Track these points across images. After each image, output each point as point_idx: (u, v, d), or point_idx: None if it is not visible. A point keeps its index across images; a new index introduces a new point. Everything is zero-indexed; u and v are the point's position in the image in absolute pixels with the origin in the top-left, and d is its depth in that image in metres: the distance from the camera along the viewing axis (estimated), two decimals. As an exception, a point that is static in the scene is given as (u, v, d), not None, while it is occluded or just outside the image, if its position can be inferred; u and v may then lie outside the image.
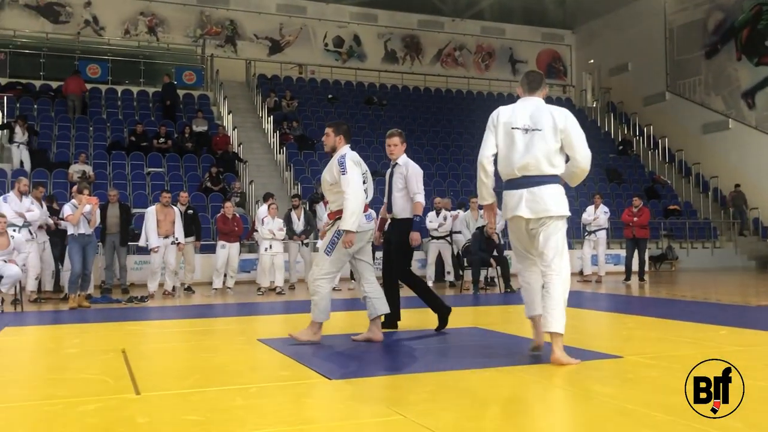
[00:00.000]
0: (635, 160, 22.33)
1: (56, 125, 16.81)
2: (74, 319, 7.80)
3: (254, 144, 18.57)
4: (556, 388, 3.76)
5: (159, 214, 10.40)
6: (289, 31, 22.55)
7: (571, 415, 3.32)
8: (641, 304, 9.38)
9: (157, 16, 21.05)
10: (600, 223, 13.07)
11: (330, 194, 5.34)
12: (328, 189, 5.31)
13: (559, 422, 3.25)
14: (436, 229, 12.04)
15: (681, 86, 21.99)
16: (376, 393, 3.61)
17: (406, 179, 6.01)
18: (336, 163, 5.17)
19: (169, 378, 4.20)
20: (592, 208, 13.20)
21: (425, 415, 3.12)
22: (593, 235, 13.12)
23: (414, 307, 8.93)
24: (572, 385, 3.78)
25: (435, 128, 21.07)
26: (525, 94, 4.48)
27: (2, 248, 8.38)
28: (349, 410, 3.30)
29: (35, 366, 4.92)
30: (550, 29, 25.99)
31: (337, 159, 5.20)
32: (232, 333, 6.41)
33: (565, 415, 3.33)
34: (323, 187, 5.50)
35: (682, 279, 14.61)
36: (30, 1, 19.79)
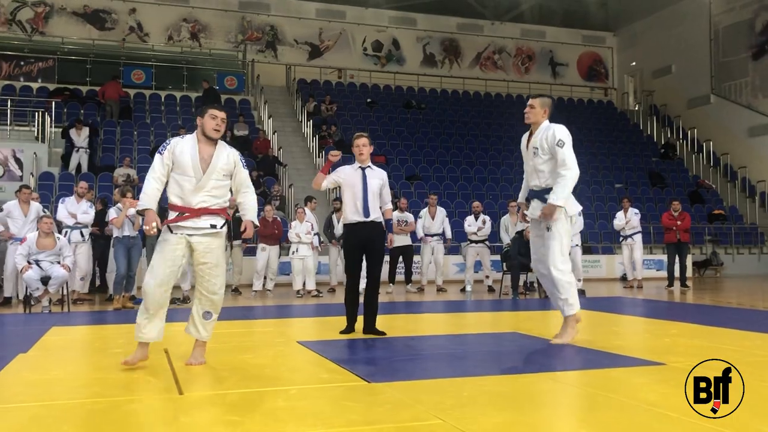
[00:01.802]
0: (679, 164, 21.93)
1: (102, 129, 17.21)
2: (119, 319, 7.96)
3: (294, 148, 18.74)
4: (597, 395, 3.72)
5: None
6: (328, 36, 22.71)
7: (612, 422, 3.27)
8: (685, 311, 9.20)
9: (200, 22, 21.40)
10: (633, 225, 12.96)
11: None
12: None
13: (599, 429, 3.21)
14: (475, 233, 11.99)
15: (726, 88, 21.52)
16: (415, 397, 3.61)
17: (383, 186, 6.06)
18: None
19: (210, 379, 4.26)
20: (621, 213, 13.11)
21: (464, 419, 3.11)
22: (629, 239, 12.99)
23: (453, 312, 8.91)
24: (613, 391, 3.72)
25: (474, 132, 21.00)
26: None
27: (49, 248, 8.60)
28: (389, 414, 3.31)
29: (81, 365, 5.04)
30: (591, 31, 25.70)
31: None
32: (271, 335, 6.47)
33: (605, 422, 3.28)
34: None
35: (727, 285, 14.28)
36: (77, 8, 20.31)
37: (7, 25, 19.65)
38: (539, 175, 5.31)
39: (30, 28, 19.82)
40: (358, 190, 5.94)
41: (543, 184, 5.28)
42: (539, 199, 5.33)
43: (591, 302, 10.02)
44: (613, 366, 4.46)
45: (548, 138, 5.22)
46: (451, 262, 14.96)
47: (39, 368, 4.67)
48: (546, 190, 5.26)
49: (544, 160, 5.25)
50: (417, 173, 18.01)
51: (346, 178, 6.00)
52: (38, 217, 9.10)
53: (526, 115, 5.39)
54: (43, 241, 8.58)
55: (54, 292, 8.65)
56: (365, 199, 5.91)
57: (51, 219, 9.03)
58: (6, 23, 19.65)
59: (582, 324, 5.54)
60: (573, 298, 5.26)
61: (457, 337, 6.05)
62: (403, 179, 17.46)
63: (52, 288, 8.51)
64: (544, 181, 5.28)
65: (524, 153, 5.49)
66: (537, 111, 5.34)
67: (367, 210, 5.91)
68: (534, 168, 5.33)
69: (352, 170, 6.04)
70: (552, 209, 5.15)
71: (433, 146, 19.64)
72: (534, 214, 5.37)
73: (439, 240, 12.27)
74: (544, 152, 5.23)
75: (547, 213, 5.17)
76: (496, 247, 13.06)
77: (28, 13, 19.84)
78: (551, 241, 5.25)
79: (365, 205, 5.90)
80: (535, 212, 5.36)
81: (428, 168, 18.53)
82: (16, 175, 15.08)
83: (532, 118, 5.36)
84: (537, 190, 5.36)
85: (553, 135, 5.21)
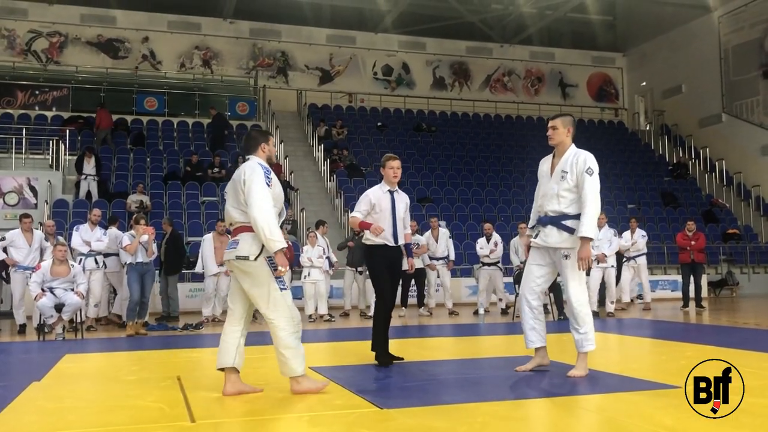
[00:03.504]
0: (691, 184, 21.82)
1: (115, 156, 17.37)
2: (132, 346, 7.97)
3: (305, 172, 18.83)
4: (613, 420, 3.67)
5: (215, 242, 10.67)
6: (338, 61, 22.90)
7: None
8: (700, 332, 9.09)
9: (212, 50, 21.65)
10: (639, 247, 12.50)
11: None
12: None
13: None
14: (487, 255, 11.94)
15: (738, 107, 21.46)
16: (427, 422, 3.58)
17: (407, 210, 5.97)
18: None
19: (223, 406, 4.24)
20: (628, 233, 12.60)
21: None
22: (633, 261, 12.54)
23: (466, 335, 8.86)
24: (629, 416, 3.68)
25: (484, 154, 21.02)
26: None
27: (63, 276, 8.65)
28: (402, 440, 3.28)
29: (94, 393, 5.04)
30: (601, 52, 25.76)
31: None
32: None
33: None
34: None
35: (743, 305, 14.12)
36: (91, 38, 20.61)
37: (22, 56, 19.96)
38: (560, 201, 4.99)
39: (45, 58, 20.12)
40: (387, 215, 5.80)
41: (563, 210, 4.98)
42: (555, 225, 5.00)
43: (606, 324, 9.93)
44: (629, 390, 4.42)
45: (578, 163, 4.97)
46: (463, 285, 14.89)
47: (53, 396, 4.68)
48: (565, 216, 4.98)
49: (570, 186, 4.97)
50: (428, 195, 18.02)
51: (376, 202, 5.84)
52: (54, 245, 9.17)
53: (550, 137, 5.12)
54: (57, 268, 8.63)
55: (67, 319, 8.68)
56: (394, 225, 5.80)
57: (65, 246, 9.09)
58: (22, 53, 19.96)
59: (598, 346, 5.47)
60: (592, 333, 4.98)
61: (470, 362, 6.01)
62: (414, 201, 17.47)
63: (66, 315, 8.54)
64: (564, 207, 4.98)
65: (544, 176, 5.19)
66: (560, 131, 5.07)
67: (396, 236, 5.79)
68: (556, 193, 5.00)
69: (381, 193, 5.88)
70: (587, 249, 4.88)
71: (444, 168, 19.67)
72: (547, 242, 5.04)
73: (444, 263, 12.23)
74: (572, 177, 4.96)
75: (585, 256, 4.86)
76: (508, 269, 13.00)
77: (43, 44, 20.15)
78: (570, 271, 4.96)
79: (394, 231, 5.77)
80: (548, 239, 5.03)
81: (439, 190, 18.55)
82: (30, 202, 15.22)
83: (557, 138, 5.08)
84: (555, 215, 5.01)
85: (584, 161, 4.97)
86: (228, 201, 4.59)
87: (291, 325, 4.42)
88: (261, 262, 4.34)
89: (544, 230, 5.06)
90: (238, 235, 4.45)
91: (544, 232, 5.06)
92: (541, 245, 5.08)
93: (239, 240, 4.41)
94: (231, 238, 4.56)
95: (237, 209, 4.46)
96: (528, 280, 5.15)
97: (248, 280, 4.40)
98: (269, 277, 4.36)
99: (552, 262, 5.11)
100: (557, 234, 4.99)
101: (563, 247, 4.97)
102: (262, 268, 4.35)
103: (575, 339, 5.02)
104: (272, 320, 4.40)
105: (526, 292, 5.15)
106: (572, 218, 4.96)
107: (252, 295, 4.44)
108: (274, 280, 4.37)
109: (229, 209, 4.55)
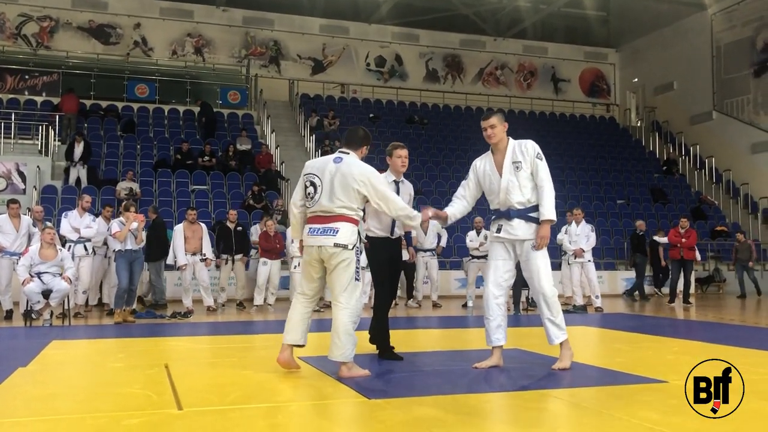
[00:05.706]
0: (681, 180, 21.93)
1: (105, 143, 17.25)
2: (119, 333, 7.95)
3: (297, 162, 18.72)
4: (599, 413, 3.69)
5: (186, 231, 10.49)
6: (331, 51, 22.82)
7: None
8: (687, 328, 9.16)
9: (204, 37, 21.52)
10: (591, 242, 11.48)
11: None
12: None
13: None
14: (477, 248, 11.97)
15: (729, 105, 21.56)
16: (414, 413, 3.59)
17: (410, 201, 5.74)
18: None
19: (210, 394, 4.24)
20: (573, 226, 11.55)
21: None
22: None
23: (454, 327, 8.89)
24: (614, 410, 3.70)
25: (476, 147, 20.91)
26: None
27: (50, 259, 8.61)
28: (388, 430, 3.29)
29: (80, 380, 5.02)
30: (594, 48, 25.80)
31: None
32: (273, 350, 6.43)
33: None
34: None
35: (730, 302, 14.23)
36: (82, 23, 20.44)
37: (12, 39, 19.77)
38: (523, 190, 4.96)
39: (35, 43, 19.94)
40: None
41: (527, 202, 4.96)
42: (522, 218, 4.98)
43: (593, 318, 9.98)
44: (615, 384, 4.44)
45: (528, 151, 4.98)
46: (452, 278, 14.93)
47: (39, 383, 4.66)
48: (531, 208, 4.96)
49: (527, 174, 4.96)
50: (419, 188, 18.01)
51: None
52: (42, 229, 9.11)
53: (489, 136, 5.08)
54: (45, 251, 8.60)
55: (55, 306, 8.64)
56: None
57: (53, 230, 9.05)
58: (11, 37, 19.77)
59: (584, 340, 5.51)
60: (563, 321, 5.02)
61: (458, 353, 6.02)
62: (405, 194, 17.45)
63: (54, 301, 8.50)
64: (528, 196, 4.96)
65: (489, 175, 5.10)
66: (499, 128, 5.07)
67: (394, 227, 5.62)
68: (516, 185, 4.95)
69: (386, 183, 5.48)
70: (547, 229, 4.92)
71: (436, 161, 19.67)
72: (517, 234, 4.98)
73: (432, 255, 12.26)
74: (527, 166, 4.95)
75: (545, 235, 4.90)
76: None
77: (34, 28, 19.97)
78: (539, 260, 4.97)
79: (394, 222, 5.55)
80: (517, 232, 4.98)
81: (430, 183, 18.55)
82: (19, 188, 15.12)
83: (498, 136, 5.07)
84: (521, 208, 4.98)
85: (532, 148, 4.99)
86: (323, 191, 4.62)
87: (355, 313, 4.65)
88: (355, 251, 4.62)
89: (510, 223, 5.01)
90: (334, 223, 4.58)
91: (510, 225, 5.01)
92: (507, 239, 5.04)
93: (339, 228, 4.57)
94: (321, 225, 4.61)
95: (340, 199, 4.58)
96: (495, 276, 5.13)
97: (340, 265, 4.58)
98: (355, 265, 4.62)
99: (514, 255, 5.11)
100: (525, 226, 4.99)
101: (532, 238, 4.98)
102: (354, 257, 4.61)
103: (549, 330, 5.02)
104: (342, 304, 4.60)
105: (493, 288, 5.14)
106: (537, 210, 4.98)
107: (334, 278, 4.62)
108: (357, 270, 4.64)
109: (324, 200, 4.62)
